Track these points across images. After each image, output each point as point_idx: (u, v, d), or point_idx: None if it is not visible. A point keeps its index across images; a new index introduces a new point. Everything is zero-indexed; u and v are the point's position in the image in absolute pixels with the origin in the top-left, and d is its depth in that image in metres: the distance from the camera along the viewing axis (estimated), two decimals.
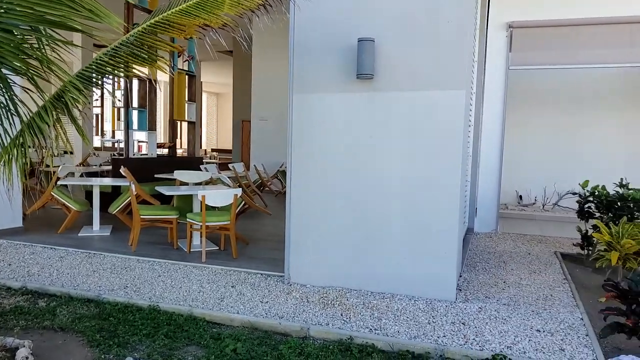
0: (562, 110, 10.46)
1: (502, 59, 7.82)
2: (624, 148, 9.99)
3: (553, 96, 10.51)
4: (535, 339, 3.65)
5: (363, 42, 4.23)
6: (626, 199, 5.59)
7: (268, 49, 12.67)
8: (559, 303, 4.48)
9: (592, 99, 10.25)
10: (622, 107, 10.04)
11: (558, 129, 10.50)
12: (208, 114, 25.00)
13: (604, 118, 10.17)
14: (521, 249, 6.77)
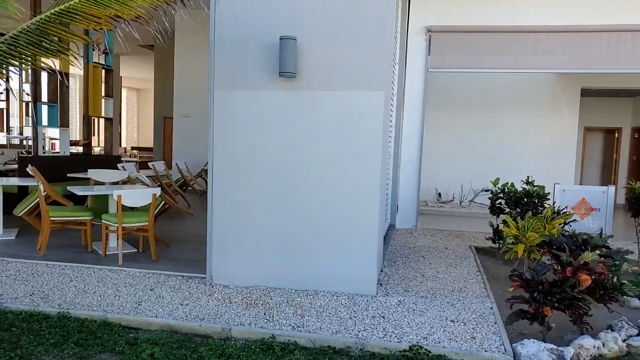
0: (478, 112, 11.11)
1: (421, 62, 8.15)
2: (531, 148, 10.79)
3: (469, 98, 11.13)
4: (449, 329, 3.83)
5: (285, 40, 4.23)
6: (532, 195, 6.04)
7: (191, 43, 12.32)
8: (472, 294, 4.74)
9: (505, 102, 10.97)
10: (530, 109, 10.83)
11: (474, 130, 11.14)
12: (128, 110, 23.87)
13: (515, 119, 10.92)
14: (439, 244, 7.09)
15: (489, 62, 7.96)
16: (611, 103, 12.75)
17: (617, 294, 3.82)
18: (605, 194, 6.19)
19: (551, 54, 7.79)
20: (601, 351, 3.60)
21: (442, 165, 11.25)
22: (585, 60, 7.74)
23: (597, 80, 10.12)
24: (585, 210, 6.27)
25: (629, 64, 7.63)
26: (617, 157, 12.96)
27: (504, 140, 10.95)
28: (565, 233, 4.47)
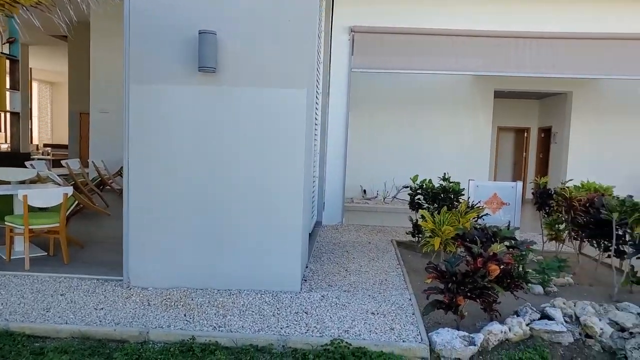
0: (401, 111, 11.48)
1: (345, 61, 8.29)
2: (450, 146, 11.33)
3: (393, 98, 11.48)
4: (369, 322, 3.93)
5: (204, 34, 4.13)
6: (448, 190, 6.34)
7: (108, 34, 11.69)
8: (392, 286, 4.90)
9: (426, 102, 11.42)
10: (448, 109, 11.37)
11: (397, 128, 11.50)
12: (41, 105, 22.24)
13: (435, 119, 11.41)
14: (363, 239, 7.26)
15: (410, 63, 8.25)
16: (521, 105, 13.69)
17: (522, 282, 4.11)
18: (514, 189, 6.64)
19: (467, 57, 8.22)
20: (508, 335, 3.86)
21: (367, 163, 11.53)
22: (497, 63, 8.24)
23: (508, 83, 10.81)
24: (497, 205, 6.68)
25: (534, 68, 8.23)
26: (526, 155, 13.94)
27: (425, 138, 11.41)
28: (478, 226, 4.73)
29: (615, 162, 11.17)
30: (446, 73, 8.54)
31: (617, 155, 11.24)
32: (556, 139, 12.18)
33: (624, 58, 8.09)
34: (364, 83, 11.45)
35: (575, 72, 8.29)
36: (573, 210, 5.59)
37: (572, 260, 6.11)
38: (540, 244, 6.82)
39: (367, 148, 11.53)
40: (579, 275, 5.69)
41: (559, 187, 6.07)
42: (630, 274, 5.03)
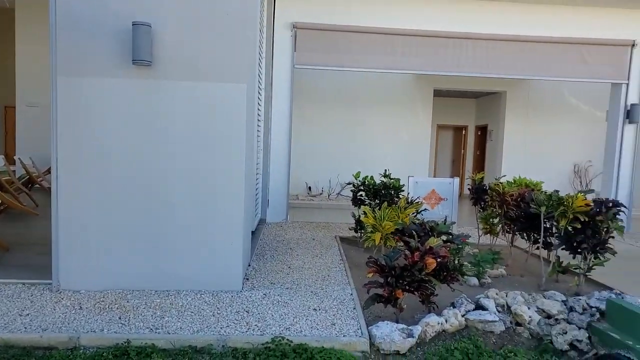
0: (345, 109, 11.60)
1: (288, 57, 8.25)
2: (392, 143, 11.57)
3: (337, 95, 11.58)
4: (311, 318, 3.94)
5: (138, 26, 3.97)
6: (389, 187, 6.47)
7: (36, 21, 11.00)
8: (334, 282, 4.94)
9: (369, 100, 11.60)
10: (391, 107, 11.60)
11: (342, 125, 11.62)
12: None
13: (378, 116, 11.61)
14: (307, 236, 7.28)
15: (352, 61, 8.33)
16: (459, 103, 14.21)
17: (457, 274, 4.26)
18: (452, 185, 6.88)
19: (407, 56, 8.41)
20: (444, 326, 3.99)
21: (312, 160, 11.57)
22: (435, 63, 8.49)
23: (446, 82, 11.19)
24: (435, 200, 6.90)
25: (470, 68, 8.54)
26: (465, 152, 14.49)
27: (368, 135, 11.61)
28: (416, 221, 4.85)
29: (545, 159, 11.83)
30: (387, 72, 8.70)
31: (547, 152, 11.91)
32: (492, 136, 12.74)
33: (553, 60, 8.56)
34: (308, 79, 11.48)
35: (508, 73, 8.69)
36: (506, 205, 5.85)
37: (505, 252, 6.42)
38: (476, 238, 7.11)
39: (312, 145, 11.58)
40: (511, 267, 5.97)
41: (493, 183, 6.33)
42: (556, 265, 5.33)
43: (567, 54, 8.55)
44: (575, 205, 4.83)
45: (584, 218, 4.85)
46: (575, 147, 11.85)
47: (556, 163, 11.88)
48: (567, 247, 5.07)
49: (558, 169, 11.90)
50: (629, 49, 8.55)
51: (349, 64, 8.35)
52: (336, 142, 11.62)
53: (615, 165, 8.79)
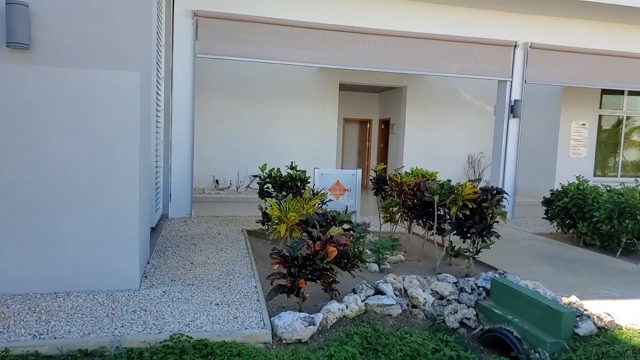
0: (254, 102, 11.48)
1: (189, 46, 7.97)
2: (300, 135, 11.67)
3: (244, 86, 11.42)
4: (213, 313, 3.87)
5: (12, 5, 3.60)
6: (295, 179, 6.52)
7: None
8: (239, 275, 4.89)
9: (277, 92, 11.58)
10: (298, 100, 11.68)
11: (250, 117, 11.50)
12: None
13: (286, 109, 11.64)
14: (213, 230, 7.12)
15: (256, 52, 8.25)
16: (364, 98, 14.66)
17: (357, 261, 4.40)
18: (355, 176, 7.09)
19: (312, 49, 8.50)
20: (345, 312, 4.11)
21: (219, 153, 11.34)
22: (340, 57, 8.67)
23: (351, 76, 11.49)
24: (340, 191, 7.07)
25: (371, 63, 8.83)
26: (369, 144, 15.00)
27: (276, 128, 11.61)
28: (319, 212, 4.94)
29: (442, 150, 12.61)
30: (292, 64, 8.74)
31: (444, 144, 12.70)
32: (394, 130, 13.31)
33: (447, 58, 9.11)
34: (217, 71, 11.20)
35: (407, 68, 9.10)
36: (403, 194, 6.15)
37: (404, 239, 6.76)
38: (378, 226, 7.41)
39: (220, 137, 11.34)
40: (409, 253, 6.31)
41: (392, 174, 6.62)
42: (449, 249, 5.71)
43: (460, 52, 9.15)
44: (465, 193, 5.20)
45: (472, 205, 5.23)
46: (469, 140, 12.76)
47: (452, 154, 12.71)
48: (458, 232, 5.45)
49: (454, 160, 12.74)
50: (512, 49, 9.33)
51: (253, 55, 8.26)
52: (245, 135, 11.49)
53: (502, 156, 9.59)
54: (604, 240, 6.93)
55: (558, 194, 7.78)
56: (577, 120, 11.98)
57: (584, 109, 11.97)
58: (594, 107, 12.11)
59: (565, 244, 7.36)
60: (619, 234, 6.68)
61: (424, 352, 3.75)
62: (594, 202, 7.03)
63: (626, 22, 9.82)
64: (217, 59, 8.82)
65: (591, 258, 6.51)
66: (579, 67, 9.77)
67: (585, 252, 6.89)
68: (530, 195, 11.85)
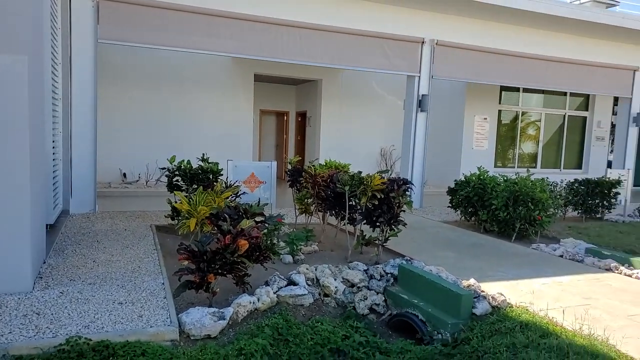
0: (164, 91, 11.00)
1: (89, 31, 7.43)
2: (215, 127, 11.39)
3: (154, 75, 10.90)
4: (116, 312, 3.67)
5: None
6: (206, 171, 6.35)
7: None
8: (145, 272, 4.68)
9: (190, 82, 11.19)
10: (212, 91, 11.38)
11: (161, 108, 11.01)
12: None
13: (199, 100, 11.29)
14: (119, 226, 6.76)
15: (164, 39, 7.91)
16: (280, 89, 14.61)
17: (270, 253, 4.38)
18: (270, 168, 7.04)
19: (224, 38, 8.30)
20: (257, 305, 4.08)
21: (127, 144, 10.76)
22: (253, 48, 8.55)
23: (267, 67, 11.39)
24: (255, 183, 6.99)
25: (285, 55, 8.81)
26: (287, 137, 15.01)
27: (189, 119, 11.22)
28: (231, 205, 4.85)
29: (357, 143, 12.92)
30: (201, 52, 8.49)
31: (358, 136, 13.02)
32: (310, 122, 13.42)
33: (360, 52, 9.32)
34: (124, 58, 10.58)
35: (320, 61, 9.20)
36: (317, 186, 6.21)
37: (319, 230, 6.85)
38: (294, 218, 7.44)
39: (129, 128, 10.76)
40: (323, 243, 6.40)
41: (306, 166, 6.67)
42: (360, 238, 5.87)
43: (372, 47, 9.39)
44: (373, 184, 5.36)
45: (381, 195, 5.41)
46: (382, 133, 13.18)
47: (366, 147, 13.07)
48: (368, 222, 5.62)
49: (368, 153, 13.11)
50: (419, 46, 9.74)
51: (162, 43, 7.91)
52: (157, 126, 11.00)
53: (410, 149, 10.01)
54: (501, 226, 7.48)
55: (461, 184, 8.27)
56: (480, 115, 12.80)
57: (485, 104, 12.81)
58: (494, 103, 13.01)
59: (467, 231, 7.85)
60: (514, 220, 7.24)
61: (334, 340, 3.83)
62: (493, 191, 7.56)
63: (520, 25, 10.62)
64: (120, 45, 8.29)
65: (490, 243, 7.01)
66: (481, 65, 10.43)
67: (485, 237, 7.39)
68: (437, 185, 12.51)
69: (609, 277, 5.45)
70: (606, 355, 3.28)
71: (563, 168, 14.06)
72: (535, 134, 13.91)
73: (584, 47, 11.51)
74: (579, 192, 9.16)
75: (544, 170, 13.22)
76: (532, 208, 7.09)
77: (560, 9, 10.15)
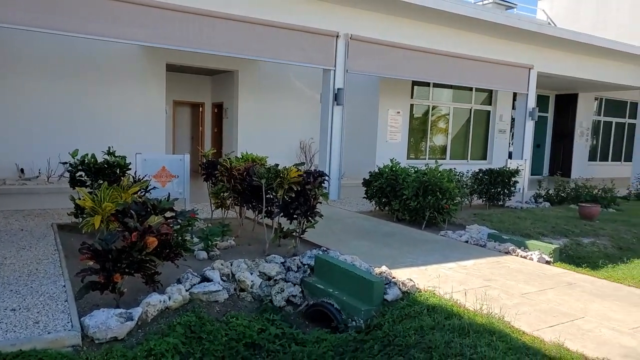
0: (68, 80, 10.21)
1: None
2: (124, 118, 10.79)
3: (56, 64, 10.09)
4: (7, 320, 3.37)
5: None
6: (113, 165, 6.00)
7: None
8: (44, 275, 4.35)
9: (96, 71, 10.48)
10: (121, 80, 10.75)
11: (65, 99, 10.22)
12: None
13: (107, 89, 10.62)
14: (14, 226, 6.22)
15: (62, 23, 7.34)
16: (195, 80, 14.15)
17: (181, 250, 4.24)
18: (182, 161, 6.80)
19: (131, 25, 7.86)
20: (168, 304, 3.94)
21: (26, 138, 9.89)
22: (163, 36, 8.18)
23: (180, 57, 10.96)
24: (167, 178, 6.72)
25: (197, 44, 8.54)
26: (203, 129, 14.60)
27: (97, 110, 10.53)
28: (138, 200, 4.62)
29: (276, 136, 12.85)
30: (106, 40, 8.00)
31: (278, 129, 12.96)
32: (227, 114, 13.15)
33: (276, 44, 9.25)
34: (17, 44, 9.67)
35: (235, 52, 9.03)
36: (233, 179, 6.11)
37: (236, 224, 6.75)
38: (210, 213, 7.26)
39: (27, 120, 9.89)
40: (240, 237, 6.31)
41: (222, 159, 6.52)
42: (278, 231, 5.86)
43: (287, 39, 9.36)
44: (290, 176, 5.37)
45: (297, 187, 5.43)
46: (301, 126, 13.21)
47: (286, 139, 13.04)
48: (285, 214, 5.62)
49: (287, 145, 13.09)
50: (334, 39, 9.86)
51: (57, 27, 7.32)
52: (59, 118, 10.20)
53: (328, 142, 10.14)
54: (413, 215, 7.82)
55: (375, 176, 8.53)
56: (393, 109, 13.25)
57: (398, 98, 13.28)
58: (407, 97, 13.52)
59: (382, 220, 8.12)
60: (424, 208, 7.59)
61: (249, 334, 3.80)
62: (404, 182, 7.87)
63: (430, 22, 11.11)
64: (13, 28, 7.57)
65: (402, 231, 7.30)
66: (394, 60, 10.78)
67: (397, 226, 7.69)
68: (355, 177, 12.79)
69: (508, 260, 5.89)
70: (502, 331, 3.54)
71: (470, 159, 14.96)
72: (444, 127, 14.66)
73: (487, 46, 12.28)
74: (483, 182, 9.80)
75: (453, 162, 13.98)
76: (440, 197, 7.48)
77: (463, 8, 10.72)
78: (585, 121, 18.31)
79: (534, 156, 17.36)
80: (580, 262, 6.06)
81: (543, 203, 10.73)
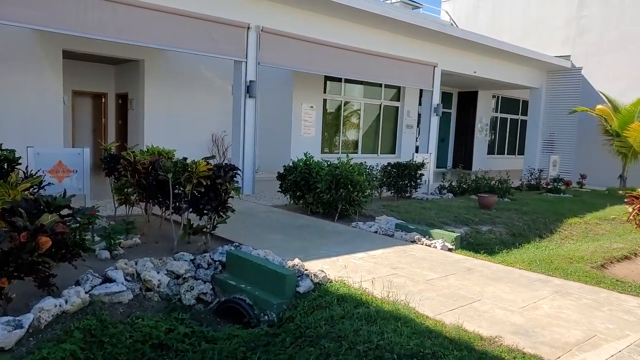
0: None
1: None
2: (14, 109, 9.84)
3: None
4: None
5: None
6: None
7: None
8: None
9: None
10: (11, 67, 9.79)
11: None
12: None
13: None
14: None
15: None
16: (97, 69, 13.25)
17: (79, 250, 3.95)
18: (81, 155, 6.34)
19: (25, 7, 7.18)
20: (64, 308, 3.67)
21: None
22: (57, 20, 7.56)
23: (79, 44, 10.19)
24: (64, 173, 6.23)
25: (97, 31, 7.99)
26: (106, 121, 13.73)
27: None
28: (29, 197, 4.24)
29: (186, 128, 12.41)
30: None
31: (188, 122, 12.52)
32: (133, 105, 12.47)
33: (184, 33, 8.91)
34: None
35: (140, 40, 8.59)
36: (137, 174, 5.81)
37: (142, 221, 6.43)
38: (113, 210, 6.85)
39: None
40: (147, 235, 6.02)
41: (125, 152, 6.18)
42: (187, 227, 5.67)
43: (196, 29, 9.05)
44: (199, 170, 5.20)
45: (207, 182, 5.28)
46: (213, 118, 12.87)
47: (196, 132, 12.64)
48: (194, 210, 5.45)
49: (199, 138, 12.69)
50: (245, 31, 9.70)
51: None
52: None
53: (241, 135, 9.98)
54: (326, 207, 7.94)
55: (289, 169, 8.55)
56: (307, 103, 13.35)
57: (311, 93, 13.39)
58: (320, 92, 13.68)
59: (296, 214, 8.16)
60: (336, 201, 7.74)
61: (156, 335, 3.65)
62: (318, 175, 7.97)
63: (342, 19, 11.31)
64: None
65: (315, 224, 7.39)
66: (307, 55, 10.84)
67: (311, 219, 7.77)
68: (270, 171, 12.72)
69: (414, 248, 6.18)
70: (407, 316, 3.71)
71: (380, 153, 15.49)
72: (356, 122, 15.04)
73: (396, 44, 12.75)
74: (391, 174, 10.19)
75: (364, 155, 14.39)
76: (352, 190, 7.67)
77: (371, 5, 11.00)
78: (484, 117, 19.70)
79: (439, 150, 18.39)
80: (479, 248, 6.51)
81: (447, 194, 11.39)
